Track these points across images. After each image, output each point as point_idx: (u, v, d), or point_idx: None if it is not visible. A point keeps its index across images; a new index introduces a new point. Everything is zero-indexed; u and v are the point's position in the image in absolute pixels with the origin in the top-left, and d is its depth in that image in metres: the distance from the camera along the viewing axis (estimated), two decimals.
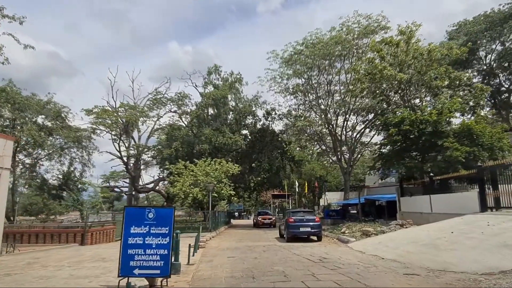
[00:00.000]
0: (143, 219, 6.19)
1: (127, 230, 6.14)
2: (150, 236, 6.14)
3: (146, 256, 6.05)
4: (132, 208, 6.60)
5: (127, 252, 6.04)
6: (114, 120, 32.76)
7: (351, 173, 36.18)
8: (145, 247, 6.08)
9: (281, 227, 18.83)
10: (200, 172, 22.30)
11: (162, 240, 6.16)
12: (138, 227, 6.16)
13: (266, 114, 34.03)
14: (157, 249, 6.10)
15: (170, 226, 6.26)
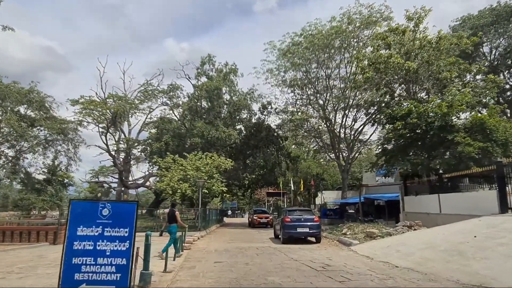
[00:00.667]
0: (95, 216, 4.62)
1: (72, 232, 4.57)
2: (104, 240, 4.59)
3: (98, 266, 4.50)
4: (80, 202, 5.00)
5: (72, 261, 4.48)
6: (102, 112, 30.93)
7: (349, 171, 34.76)
8: (97, 254, 4.51)
9: (276, 227, 17.31)
10: (190, 167, 20.68)
11: (120, 246, 4.60)
12: (88, 227, 4.59)
13: (262, 108, 32.45)
14: (113, 257, 4.54)
15: (131, 226, 4.71)
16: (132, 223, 4.73)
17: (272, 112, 32.87)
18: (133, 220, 4.76)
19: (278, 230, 16.33)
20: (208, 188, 20.38)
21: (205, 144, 27.84)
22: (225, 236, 19.10)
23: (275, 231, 17.41)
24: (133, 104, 32.97)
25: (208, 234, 20.40)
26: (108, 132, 33.92)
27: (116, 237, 4.60)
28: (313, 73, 31.71)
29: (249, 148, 31.67)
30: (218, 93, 29.71)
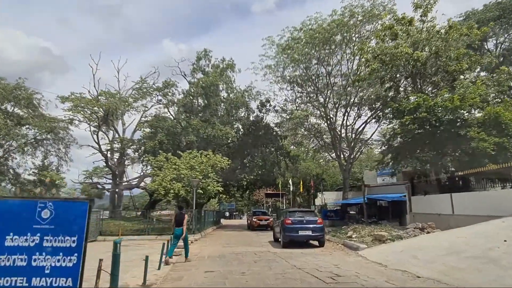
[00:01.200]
0: (31, 220, 3.40)
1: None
2: (43, 252, 3.32)
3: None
4: (10, 201, 3.72)
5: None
6: (93, 110, 29.68)
7: (350, 171, 33.59)
8: (32, 273, 3.26)
9: (275, 229, 16.08)
10: (183, 166, 19.43)
11: (65, 261, 3.37)
12: (21, 235, 3.34)
13: (260, 106, 31.24)
14: (54, 276, 3.30)
15: (81, 234, 3.49)
16: (82, 229, 3.53)
17: (271, 110, 31.70)
18: (83, 225, 3.55)
19: (278, 233, 15.10)
20: (203, 188, 19.14)
21: (200, 142, 26.61)
22: (221, 239, 17.85)
23: (275, 234, 16.18)
24: (126, 102, 31.67)
25: (203, 237, 19.14)
26: (100, 131, 32.67)
27: (60, 248, 3.37)
28: (313, 70, 30.59)
29: (247, 147, 30.42)
30: (214, 90, 28.49)
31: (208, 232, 22.96)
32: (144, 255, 10.77)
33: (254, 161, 31.40)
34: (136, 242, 16.80)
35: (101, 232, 18.23)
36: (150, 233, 18.29)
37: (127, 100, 31.94)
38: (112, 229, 19.38)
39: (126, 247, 14.68)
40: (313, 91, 30.92)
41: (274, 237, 16.34)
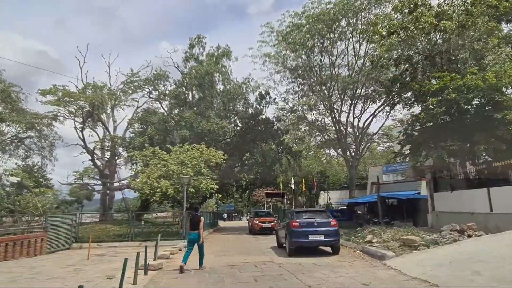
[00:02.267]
0: None
1: None
2: None
3: None
4: None
5: None
6: (78, 104, 27.24)
7: (357, 168, 31.19)
8: None
9: (279, 233, 13.65)
10: (172, 161, 17.00)
11: None
12: None
13: (260, 98, 28.79)
14: None
15: None
16: None
17: (271, 102, 29.26)
18: None
19: (282, 237, 12.67)
20: (195, 187, 16.68)
21: (194, 137, 24.17)
22: (216, 246, 15.40)
23: (278, 239, 13.75)
24: (114, 95, 29.21)
25: None
26: (86, 127, 30.22)
27: None
28: (316, 60, 28.23)
29: (246, 143, 27.98)
30: (209, 81, 26.09)
31: (203, 236, 20.48)
32: (114, 269, 8.45)
33: (253, 158, 28.97)
34: (115, 250, 14.37)
35: (77, 238, 15.78)
36: (134, 239, 15.83)
37: (115, 93, 29.47)
38: (93, 235, 16.91)
39: (101, 257, 12.27)
40: (316, 82, 28.50)
41: (278, 242, 13.91)
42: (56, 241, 13.94)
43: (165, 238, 15.98)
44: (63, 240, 14.72)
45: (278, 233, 13.86)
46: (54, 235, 13.85)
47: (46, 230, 13.47)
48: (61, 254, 13.38)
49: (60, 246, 14.33)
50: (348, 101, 29.79)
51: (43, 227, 13.58)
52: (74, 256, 12.81)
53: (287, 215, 12.97)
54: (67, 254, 13.58)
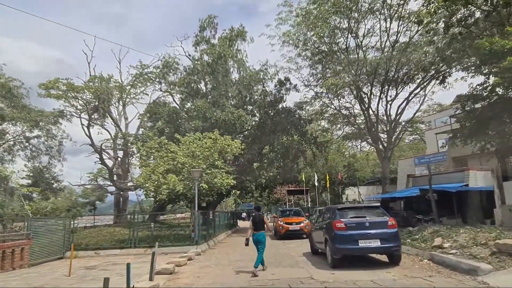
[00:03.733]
0: None
1: None
2: None
3: None
4: None
5: None
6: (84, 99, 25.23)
7: (390, 159, 27.82)
8: None
9: (314, 235, 10.79)
10: (181, 153, 14.42)
11: None
12: None
13: (279, 85, 25.91)
14: None
15: None
16: None
17: (292, 89, 26.25)
18: None
19: (319, 242, 9.82)
20: (207, 182, 14.04)
21: (208, 129, 21.54)
22: (234, 253, 12.71)
23: (313, 243, 10.91)
24: (121, 87, 27.06)
25: (211, 248, 14.07)
26: (92, 124, 28.28)
27: None
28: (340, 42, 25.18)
29: (265, 135, 25.17)
30: (223, 66, 23.42)
31: (220, 240, 17.87)
32: None
33: (274, 151, 26.12)
34: (113, 260, 11.88)
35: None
36: (138, 245, 13.32)
37: (122, 85, 27.31)
38: (93, 241, 14.56)
39: (89, 271, 9.77)
40: (342, 62, 25.32)
41: (312, 247, 11.07)
42: (43, 250, 11.59)
43: (174, 244, 13.45)
44: (54, 248, 12.37)
45: (313, 236, 10.99)
46: (40, 243, 11.49)
47: (29, 237, 11.10)
48: (45, 267, 11.00)
49: (48, 255, 11.98)
50: (378, 86, 26.59)
51: (26, 234, 11.20)
52: (58, 269, 10.38)
53: (326, 213, 10.06)
54: (54, 266, 11.19)
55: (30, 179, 33.54)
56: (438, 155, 30.44)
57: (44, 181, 34.00)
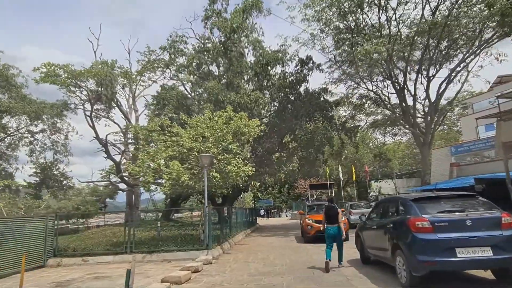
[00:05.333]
0: None
1: None
2: None
3: None
4: None
5: None
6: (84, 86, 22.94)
7: (431, 146, 24.28)
8: None
9: (366, 237, 7.84)
10: (187, 135, 11.64)
11: None
12: None
13: (300, 64, 22.81)
14: None
15: None
16: None
17: (315, 68, 23.07)
18: None
19: (379, 248, 6.82)
20: (219, 171, 11.22)
21: None
22: (256, 260, 9.88)
23: (363, 248, 7.95)
24: (127, 73, 24.66)
25: (225, 253, 11.29)
26: (98, 115, 26.09)
27: None
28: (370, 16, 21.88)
29: (286, 121, 22.18)
30: (237, 47, 20.64)
31: (238, 241, 15.09)
32: None
33: (296, 139, 23.08)
34: (101, 270, 9.24)
35: (56, 251, 10.92)
36: (134, 250, 10.65)
37: (127, 72, 24.91)
38: (83, 245, 11.97)
39: None
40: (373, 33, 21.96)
41: (362, 254, 8.11)
42: (12, 258, 9.07)
43: (180, 248, 10.72)
44: (31, 255, 9.84)
45: (364, 238, 7.99)
46: (7, 250, 8.98)
47: None
48: (11, 280, 8.48)
49: (21, 264, 9.44)
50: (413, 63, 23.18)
51: None
52: (27, 284, 7.79)
53: (387, 206, 6.98)
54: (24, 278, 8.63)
55: (37, 176, 31.92)
56: (479, 142, 26.69)
57: (52, 178, 32.30)
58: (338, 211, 7.95)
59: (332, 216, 7.91)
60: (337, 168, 40.03)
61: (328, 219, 7.93)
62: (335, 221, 7.84)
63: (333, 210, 7.97)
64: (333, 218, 7.88)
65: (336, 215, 7.89)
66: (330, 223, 7.88)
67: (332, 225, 7.84)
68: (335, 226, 7.82)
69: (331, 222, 7.87)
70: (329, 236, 7.80)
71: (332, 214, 7.93)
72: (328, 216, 7.96)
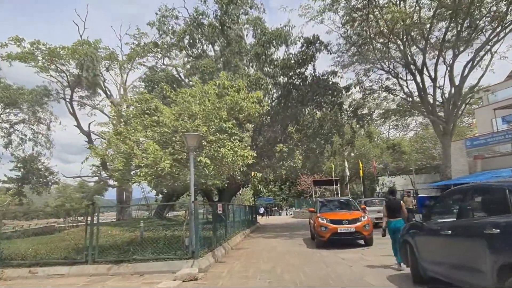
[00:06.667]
0: None
1: None
2: None
3: None
4: None
5: None
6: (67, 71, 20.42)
7: (452, 135, 21.75)
8: None
9: (422, 246, 5.26)
10: (169, 111, 9.04)
11: None
12: None
13: (306, 44, 20.22)
14: None
15: None
16: None
17: (322, 49, 20.43)
18: None
19: (447, 264, 4.27)
20: (211, 156, 8.65)
21: None
22: (258, 273, 7.38)
23: (418, 262, 5.39)
24: (113, 53, 22.07)
25: (218, 263, 8.75)
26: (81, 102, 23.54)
27: None
28: None
29: (290, 108, 19.62)
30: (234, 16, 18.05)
31: (235, 244, 12.56)
32: None
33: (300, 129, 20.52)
34: (52, 285, 6.72)
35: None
36: (96, 259, 8.09)
37: (113, 53, 22.31)
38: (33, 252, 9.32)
39: None
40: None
41: (415, 271, 5.55)
42: None
43: (158, 256, 8.14)
44: None
45: (419, 246, 5.42)
46: None
47: None
48: None
49: None
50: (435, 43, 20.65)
51: None
52: None
53: (484, 198, 4.36)
54: None
55: (19, 171, 29.33)
56: (498, 135, 24.23)
57: (35, 173, 29.70)
58: (401, 203, 7.50)
59: (395, 209, 7.40)
60: (341, 164, 37.59)
61: (391, 213, 7.41)
62: (398, 214, 7.35)
63: (395, 203, 7.50)
64: (396, 211, 7.37)
65: (400, 207, 7.40)
66: (393, 217, 7.36)
67: (395, 219, 7.34)
68: (399, 219, 7.31)
69: (394, 216, 7.35)
70: (394, 230, 7.26)
71: (394, 207, 7.42)
72: (391, 210, 7.43)
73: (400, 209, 7.37)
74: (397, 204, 7.46)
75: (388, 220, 7.40)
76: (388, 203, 7.60)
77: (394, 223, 7.30)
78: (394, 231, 7.24)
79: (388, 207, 7.48)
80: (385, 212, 7.50)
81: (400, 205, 7.43)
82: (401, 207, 7.39)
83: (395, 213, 7.37)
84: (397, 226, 7.19)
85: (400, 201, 7.72)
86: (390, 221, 7.36)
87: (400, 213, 7.36)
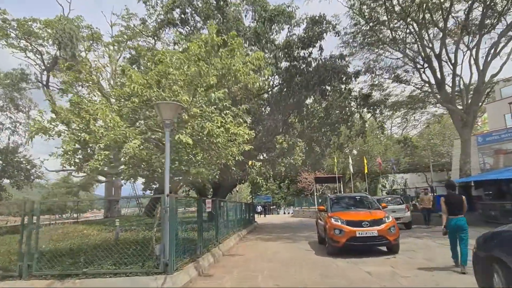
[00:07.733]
0: None
1: None
2: None
3: None
4: None
5: None
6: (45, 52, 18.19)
7: (473, 127, 19.66)
8: None
9: None
10: (139, 76, 6.85)
11: None
12: None
13: (311, 24, 18.04)
14: None
15: None
16: None
17: (330, 30, 18.21)
18: None
19: None
20: (195, 136, 6.48)
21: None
22: None
23: None
24: (96, 33, 19.84)
25: (202, 276, 6.59)
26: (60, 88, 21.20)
27: None
28: None
29: (292, 94, 17.47)
30: None
31: (228, 249, 10.37)
32: None
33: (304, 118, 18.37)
34: None
35: None
36: (34, 273, 5.91)
37: (96, 32, 20.06)
38: None
39: None
40: None
41: None
42: None
43: (117, 270, 5.94)
44: None
45: None
46: None
47: None
48: None
49: None
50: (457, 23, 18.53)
51: None
52: None
53: None
54: None
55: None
56: None
57: (15, 166, 27.41)
58: (463, 198, 6.64)
59: (455, 204, 6.58)
60: (343, 161, 35.51)
61: (451, 210, 6.61)
62: (460, 211, 6.56)
63: (456, 198, 6.66)
64: (458, 207, 6.56)
65: (461, 203, 6.59)
66: (454, 214, 6.58)
67: (456, 216, 6.54)
68: (461, 217, 6.53)
69: (455, 213, 6.56)
70: (457, 227, 6.52)
71: (455, 202, 6.61)
72: (451, 205, 6.61)
73: (462, 204, 6.56)
74: (459, 200, 6.60)
75: (449, 218, 6.61)
76: (447, 198, 6.74)
77: (455, 221, 6.55)
78: (455, 231, 6.54)
79: (448, 202, 6.65)
80: (445, 209, 6.70)
81: (462, 201, 6.60)
82: (463, 203, 6.58)
83: (456, 209, 6.57)
84: (459, 224, 6.48)
85: (462, 196, 6.76)
86: (451, 219, 6.58)
87: (462, 209, 6.56)
